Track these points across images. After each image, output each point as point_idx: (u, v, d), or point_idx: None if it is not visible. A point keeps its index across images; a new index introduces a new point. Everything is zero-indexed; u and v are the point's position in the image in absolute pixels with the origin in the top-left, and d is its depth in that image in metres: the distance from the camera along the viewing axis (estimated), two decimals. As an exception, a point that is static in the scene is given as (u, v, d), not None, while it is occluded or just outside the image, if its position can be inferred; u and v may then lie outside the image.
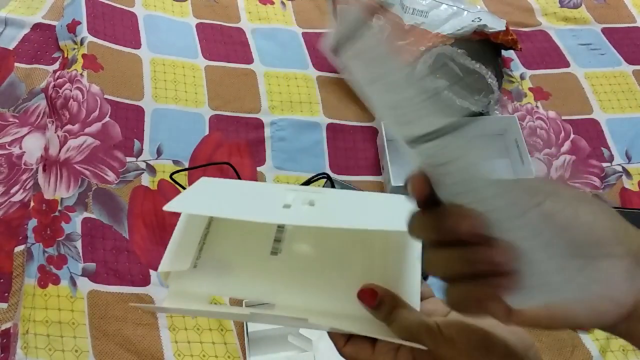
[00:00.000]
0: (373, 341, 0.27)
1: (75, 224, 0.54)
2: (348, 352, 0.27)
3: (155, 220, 0.57)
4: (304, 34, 0.76)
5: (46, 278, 0.51)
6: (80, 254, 0.53)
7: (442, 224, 0.21)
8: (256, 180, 0.61)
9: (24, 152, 0.60)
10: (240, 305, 0.49)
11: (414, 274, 0.27)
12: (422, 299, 0.28)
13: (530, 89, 0.73)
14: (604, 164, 0.67)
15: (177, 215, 0.59)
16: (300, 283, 0.28)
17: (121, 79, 0.65)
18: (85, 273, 0.52)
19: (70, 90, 0.62)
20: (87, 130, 0.60)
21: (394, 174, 0.60)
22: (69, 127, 0.60)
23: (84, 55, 0.65)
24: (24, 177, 0.58)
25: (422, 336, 0.25)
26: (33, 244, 0.52)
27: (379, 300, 0.25)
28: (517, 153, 0.63)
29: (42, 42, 0.69)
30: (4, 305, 0.50)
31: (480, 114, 0.65)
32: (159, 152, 0.61)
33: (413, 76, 0.20)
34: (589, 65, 0.76)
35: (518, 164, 0.62)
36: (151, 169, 0.60)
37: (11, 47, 0.68)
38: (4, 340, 0.48)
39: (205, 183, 0.32)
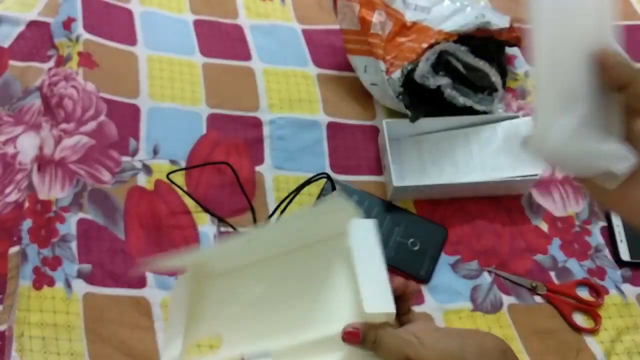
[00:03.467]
0: None
1: (70, 225, 0.53)
2: None
3: (152, 221, 0.56)
4: (303, 31, 0.75)
5: (41, 280, 0.50)
6: (76, 256, 0.52)
7: None
8: (254, 179, 0.60)
9: (19, 151, 0.59)
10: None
11: (378, 278, 0.31)
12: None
13: (534, 86, 0.72)
14: (609, 163, 0.66)
15: (174, 216, 0.58)
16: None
17: (117, 77, 0.64)
18: (80, 275, 0.51)
19: (65, 89, 0.61)
20: (82, 129, 0.59)
21: (395, 173, 0.59)
22: (63, 125, 0.59)
23: (79, 53, 0.64)
24: (19, 177, 0.57)
25: (405, 351, 0.29)
26: (28, 245, 0.51)
27: (362, 336, 0.30)
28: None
29: (37, 39, 0.68)
30: (-1, 308, 0.50)
31: (484, 112, 0.64)
32: (155, 152, 0.60)
33: None
34: (594, 62, 0.75)
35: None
36: (147, 169, 0.59)
37: (6, 45, 0.67)
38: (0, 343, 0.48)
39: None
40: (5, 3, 0.70)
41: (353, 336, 0.30)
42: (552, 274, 0.57)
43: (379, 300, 0.30)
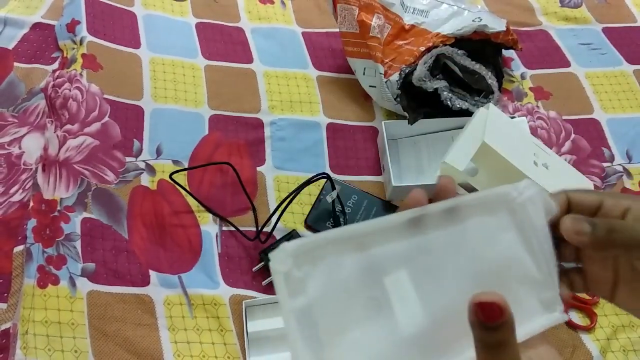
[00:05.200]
0: None
1: (74, 224, 0.54)
2: None
3: (155, 220, 0.56)
4: (303, 34, 0.76)
5: (45, 278, 0.51)
6: (80, 254, 0.52)
7: None
8: (256, 179, 0.61)
9: (23, 152, 0.60)
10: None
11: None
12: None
13: (530, 88, 0.73)
14: (605, 164, 0.67)
15: (177, 216, 0.59)
16: None
17: (120, 79, 0.65)
18: (84, 273, 0.52)
19: (70, 90, 0.62)
20: (86, 130, 0.60)
21: (394, 174, 0.60)
22: (68, 126, 0.59)
23: (83, 55, 0.65)
24: (23, 177, 0.58)
25: None
26: (32, 244, 0.52)
27: (506, 318, 0.19)
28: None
29: (41, 41, 0.69)
30: (4, 306, 0.50)
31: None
32: (158, 152, 0.61)
33: None
34: (590, 65, 0.76)
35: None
36: (150, 169, 0.60)
37: (10, 47, 0.68)
38: (4, 341, 0.48)
39: None
40: (9, 5, 0.71)
41: (496, 310, 0.19)
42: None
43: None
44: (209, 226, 0.57)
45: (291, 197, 0.56)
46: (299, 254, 0.20)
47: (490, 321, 0.20)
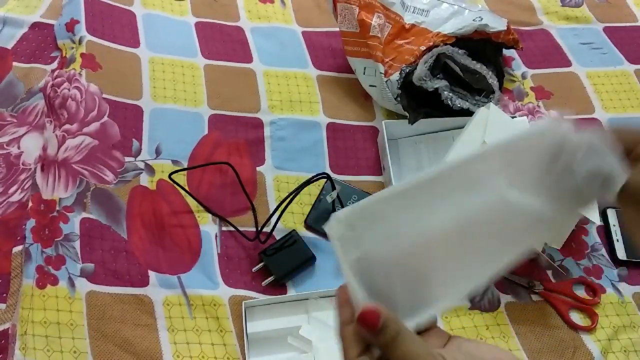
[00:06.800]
0: None
1: (73, 225, 0.54)
2: None
3: (154, 220, 0.56)
4: (303, 33, 0.76)
5: (44, 279, 0.50)
6: (79, 255, 0.52)
7: None
8: (255, 179, 0.61)
9: (22, 151, 0.60)
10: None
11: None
12: (424, 330, 0.26)
13: (531, 88, 0.73)
14: (606, 164, 0.67)
15: (176, 216, 0.59)
16: None
17: (120, 78, 0.65)
18: (83, 274, 0.51)
19: (69, 90, 0.62)
20: (85, 130, 0.60)
21: (394, 174, 0.60)
22: (67, 126, 0.59)
23: (82, 55, 0.65)
24: (22, 177, 0.58)
25: None
26: (31, 244, 0.52)
27: (382, 324, 0.23)
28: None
29: (40, 41, 0.69)
30: (2, 306, 0.50)
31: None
32: (157, 152, 0.61)
33: None
34: (591, 64, 0.76)
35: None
36: (150, 169, 0.60)
37: (9, 46, 0.67)
38: (2, 341, 0.48)
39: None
40: (8, 5, 0.71)
41: (370, 319, 0.23)
42: (549, 272, 0.58)
43: None
44: (209, 226, 0.57)
45: (291, 197, 0.56)
46: (349, 217, 0.24)
47: (370, 329, 0.24)
